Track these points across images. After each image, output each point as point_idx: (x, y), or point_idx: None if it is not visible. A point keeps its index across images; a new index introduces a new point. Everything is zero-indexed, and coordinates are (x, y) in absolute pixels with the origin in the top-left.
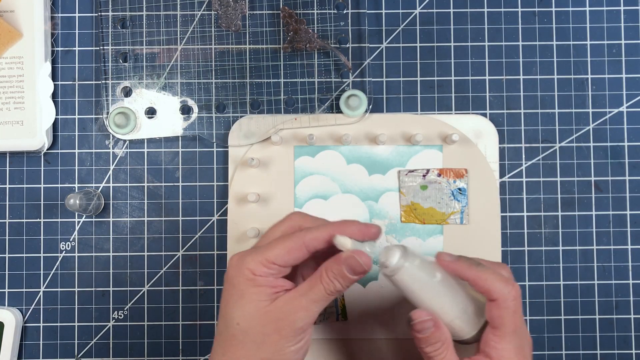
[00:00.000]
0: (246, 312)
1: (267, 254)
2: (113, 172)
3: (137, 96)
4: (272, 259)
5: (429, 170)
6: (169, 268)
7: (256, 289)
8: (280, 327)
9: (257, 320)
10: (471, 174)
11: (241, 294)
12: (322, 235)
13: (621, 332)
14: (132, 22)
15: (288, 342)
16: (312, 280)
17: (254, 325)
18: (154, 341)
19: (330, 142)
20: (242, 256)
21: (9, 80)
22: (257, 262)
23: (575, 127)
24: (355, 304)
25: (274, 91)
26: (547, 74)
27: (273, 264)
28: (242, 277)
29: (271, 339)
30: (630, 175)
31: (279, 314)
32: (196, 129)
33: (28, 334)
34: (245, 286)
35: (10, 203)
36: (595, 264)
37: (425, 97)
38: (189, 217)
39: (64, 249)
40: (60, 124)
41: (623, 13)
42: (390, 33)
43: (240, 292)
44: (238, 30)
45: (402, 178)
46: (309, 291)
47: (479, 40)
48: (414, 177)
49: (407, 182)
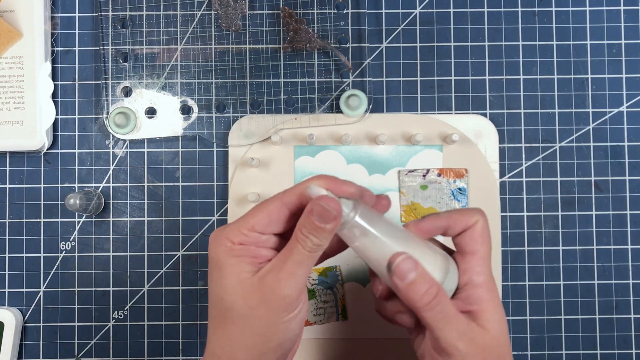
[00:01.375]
0: (228, 285)
1: (247, 220)
2: (113, 172)
3: (137, 96)
4: (252, 225)
5: (429, 170)
6: (169, 268)
7: (235, 259)
8: (267, 298)
9: (239, 294)
10: (471, 174)
11: (220, 266)
12: (298, 189)
13: (621, 332)
14: (132, 22)
15: (278, 314)
16: (290, 243)
17: (237, 299)
18: (154, 341)
19: (330, 142)
20: (222, 228)
21: (9, 80)
22: (236, 230)
23: (575, 127)
24: (355, 304)
25: (274, 91)
26: (547, 73)
27: (252, 230)
28: (220, 247)
29: (259, 313)
30: (630, 175)
31: (263, 285)
32: (196, 129)
33: (28, 334)
34: (224, 257)
35: (10, 203)
36: (595, 264)
37: (425, 97)
38: (189, 217)
39: (64, 249)
40: (60, 124)
41: (623, 13)
42: (390, 33)
43: (219, 264)
44: (238, 30)
45: (402, 178)
46: (289, 255)
47: (479, 40)
48: (414, 177)
49: (407, 182)
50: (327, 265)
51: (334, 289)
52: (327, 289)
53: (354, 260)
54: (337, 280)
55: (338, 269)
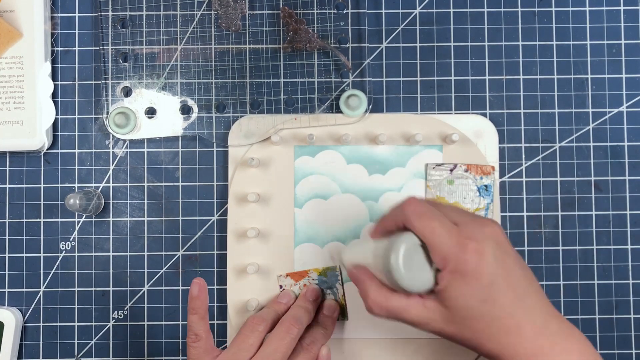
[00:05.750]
0: None
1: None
2: (113, 172)
3: (137, 96)
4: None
5: (456, 165)
6: (169, 268)
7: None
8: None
9: None
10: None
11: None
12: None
13: (621, 332)
14: (132, 22)
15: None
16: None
17: None
18: (153, 341)
19: (330, 142)
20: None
21: (9, 80)
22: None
23: (575, 127)
24: (355, 304)
25: (274, 91)
26: (547, 73)
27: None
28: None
29: None
30: (630, 175)
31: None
32: (196, 129)
33: (28, 334)
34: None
35: (10, 203)
36: (595, 264)
37: (425, 97)
38: (189, 217)
39: (64, 248)
40: (60, 124)
41: (623, 13)
42: (390, 33)
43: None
44: (238, 30)
45: (429, 172)
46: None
47: (479, 40)
48: (441, 171)
49: (434, 176)
50: (327, 265)
51: (334, 289)
52: (327, 289)
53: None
54: (337, 280)
55: (338, 269)
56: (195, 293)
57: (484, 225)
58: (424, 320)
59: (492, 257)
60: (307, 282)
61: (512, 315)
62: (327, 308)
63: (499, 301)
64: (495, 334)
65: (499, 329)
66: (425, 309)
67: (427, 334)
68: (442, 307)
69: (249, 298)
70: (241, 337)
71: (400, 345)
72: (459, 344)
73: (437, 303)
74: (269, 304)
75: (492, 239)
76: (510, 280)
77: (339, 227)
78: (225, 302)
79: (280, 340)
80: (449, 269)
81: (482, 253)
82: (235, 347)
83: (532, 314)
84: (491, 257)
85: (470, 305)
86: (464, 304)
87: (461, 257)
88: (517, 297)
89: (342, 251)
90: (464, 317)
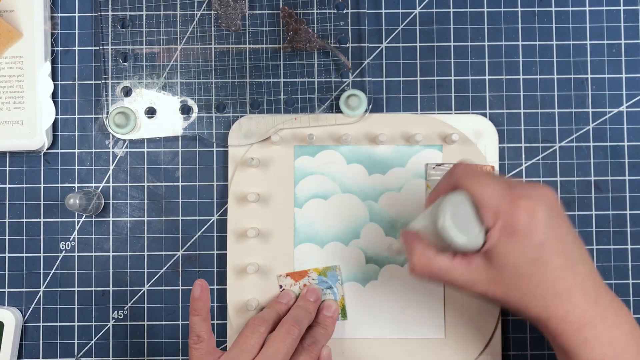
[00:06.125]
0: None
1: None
2: (113, 172)
3: (137, 96)
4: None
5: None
6: (168, 268)
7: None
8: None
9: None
10: None
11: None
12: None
13: None
14: (132, 22)
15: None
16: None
17: None
18: (153, 341)
19: (330, 142)
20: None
21: (9, 80)
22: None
23: (575, 127)
24: (355, 304)
25: (274, 91)
26: (547, 73)
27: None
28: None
29: None
30: (630, 175)
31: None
32: (196, 129)
33: (28, 333)
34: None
35: (10, 203)
36: (595, 264)
37: (425, 97)
38: (188, 216)
39: (63, 248)
40: (60, 124)
41: (623, 13)
42: (390, 33)
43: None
44: (238, 30)
45: (429, 171)
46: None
47: (479, 40)
48: (441, 171)
49: (434, 176)
50: (327, 265)
51: (334, 289)
52: (327, 289)
53: (354, 260)
54: (337, 280)
55: (338, 269)
56: (197, 294)
57: (537, 187)
58: (469, 281)
59: (544, 218)
60: (307, 282)
61: (562, 278)
62: (327, 308)
63: (549, 263)
64: (544, 296)
65: (548, 290)
66: (471, 270)
67: (425, 333)
68: (489, 267)
69: (248, 298)
70: (243, 338)
71: (400, 345)
72: (503, 307)
73: (484, 263)
74: (269, 305)
75: (545, 200)
76: (562, 245)
77: (338, 227)
78: (225, 302)
79: (281, 341)
80: (499, 226)
81: (535, 212)
82: (237, 348)
83: (584, 283)
84: (543, 218)
85: (519, 263)
86: (513, 262)
87: (512, 213)
88: (568, 262)
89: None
90: (512, 276)
